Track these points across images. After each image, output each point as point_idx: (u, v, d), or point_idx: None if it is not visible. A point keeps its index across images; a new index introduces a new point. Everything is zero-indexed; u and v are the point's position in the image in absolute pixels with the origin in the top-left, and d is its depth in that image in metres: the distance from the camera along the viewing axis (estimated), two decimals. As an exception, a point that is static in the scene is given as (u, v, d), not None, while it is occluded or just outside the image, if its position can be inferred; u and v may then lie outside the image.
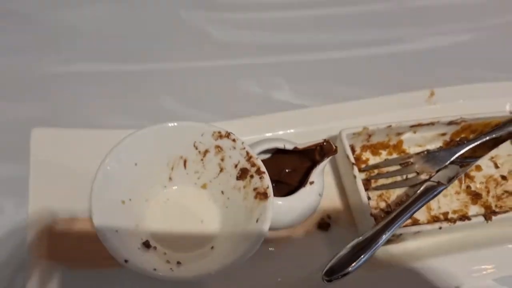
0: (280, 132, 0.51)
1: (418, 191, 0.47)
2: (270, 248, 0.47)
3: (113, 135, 0.42)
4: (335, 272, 0.40)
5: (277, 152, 0.49)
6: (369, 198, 0.49)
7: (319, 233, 0.48)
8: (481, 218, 0.46)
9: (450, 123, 0.52)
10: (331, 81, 0.57)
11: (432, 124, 0.51)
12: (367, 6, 0.64)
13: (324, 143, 0.46)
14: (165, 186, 0.45)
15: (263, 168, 0.43)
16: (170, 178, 0.45)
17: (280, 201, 0.44)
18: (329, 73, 0.58)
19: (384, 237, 0.43)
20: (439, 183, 0.48)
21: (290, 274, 0.45)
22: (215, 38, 0.59)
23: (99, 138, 0.46)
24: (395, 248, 0.47)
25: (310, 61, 0.59)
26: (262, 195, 0.42)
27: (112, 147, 0.41)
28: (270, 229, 0.44)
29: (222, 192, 0.45)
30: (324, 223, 0.48)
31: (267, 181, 0.42)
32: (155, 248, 0.42)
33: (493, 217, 0.46)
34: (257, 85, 0.57)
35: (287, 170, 0.48)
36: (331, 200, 0.50)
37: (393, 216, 0.44)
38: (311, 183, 0.45)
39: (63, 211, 0.44)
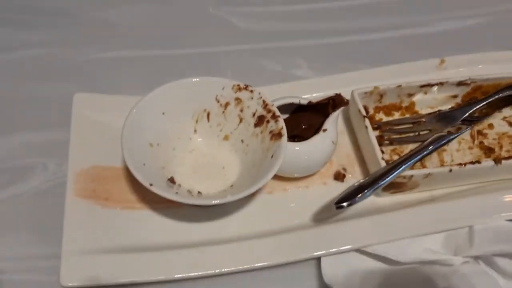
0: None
1: (428, 140, 0.50)
2: (288, 193, 0.49)
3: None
4: (343, 201, 0.43)
5: (295, 112, 0.53)
6: (382, 152, 0.51)
7: (335, 183, 0.51)
8: (491, 162, 0.48)
9: (460, 83, 0.54)
10: (346, 60, 0.61)
11: (441, 84, 0.54)
12: None
13: (335, 96, 0.50)
14: (191, 138, 0.50)
15: (277, 113, 0.47)
16: (195, 130, 0.50)
17: (297, 147, 0.47)
18: (344, 54, 0.63)
19: (392, 175, 0.45)
20: (449, 133, 0.50)
21: (306, 216, 0.48)
22: (238, 27, 0.65)
23: (132, 103, 0.51)
24: (409, 196, 0.49)
25: (327, 44, 0.64)
26: (277, 136, 0.45)
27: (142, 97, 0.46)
28: (288, 175, 0.48)
29: (242, 141, 0.49)
30: (340, 174, 0.51)
31: (281, 123, 0.46)
32: (179, 185, 0.46)
33: (503, 161, 0.48)
34: (278, 65, 0.62)
35: (303, 126, 0.51)
36: (347, 155, 0.53)
37: (402, 159, 0.47)
38: (324, 130, 0.48)
39: (100, 161, 0.49)
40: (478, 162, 0.48)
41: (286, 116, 0.53)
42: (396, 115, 0.55)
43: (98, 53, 0.61)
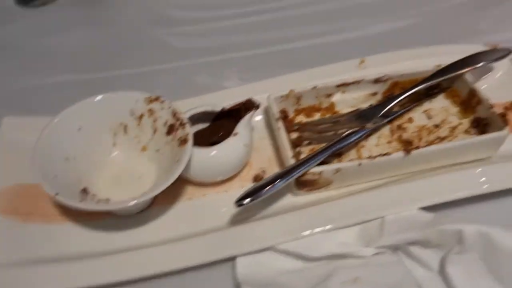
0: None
1: (342, 136, 0.51)
2: (207, 198, 0.51)
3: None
4: (245, 198, 0.44)
5: (214, 120, 0.54)
6: (300, 153, 0.53)
7: (254, 186, 0.52)
8: (401, 154, 0.48)
9: (376, 81, 0.55)
10: (276, 69, 0.62)
11: (357, 82, 0.55)
12: (304, 9, 0.73)
13: (246, 101, 0.51)
14: (110, 151, 0.52)
15: (185, 120, 0.49)
16: (114, 144, 0.52)
17: (208, 152, 0.49)
18: (272, 63, 0.65)
19: (299, 170, 0.46)
20: (363, 127, 0.51)
21: (225, 219, 0.49)
22: (172, 46, 0.68)
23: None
24: (327, 194, 0.50)
25: (255, 55, 0.66)
26: (183, 142, 0.47)
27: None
28: (204, 180, 0.50)
29: (157, 150, 0.51)
30: (259, 177, 0.52)
31: (187, 129, 0.48)
32: (94, 196, 0.48)
33: (413, 152, 0.48)
34: (209, 78, 0.64)
35: (221, 133, 0.53)
36: (268, 158, 0.54)
37: (309, 156, 0.48)
38: (235, 134, 0.50)
39: (26, 180, 0.51)
40: (388, 154, 0.48)
41: (206, 124, 0.54)
42: (317, 116, 0.56)
43: (35, 80, 0.64)
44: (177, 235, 0.48)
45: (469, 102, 0.55)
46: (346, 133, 0.51)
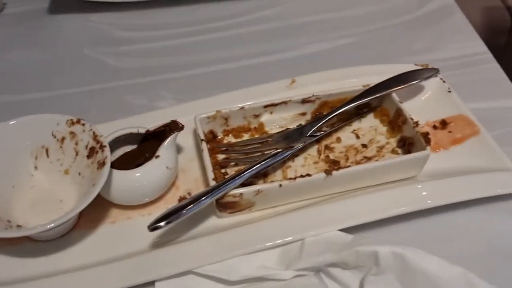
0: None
1: (266, 156, 0.51)
2: (132, 222, 0.50)
3: None
4: (159, 222, 0.44)
5: (141, 142, 0.54)
6: (226, 174, 0.52)
7: (179, 208, 0.51)
8: (323, 175, 0.48)
9: (304, 101, 0.56)
10: (210, 89, 0.62)
11: (285, 103, 0.55)
12: (248, 28, 0.73)
13: (171, 122, 0.51)
14: (32, 175, 0.51)
15: (105, 143, 0.48)
16: (35, 167, 0.51)
17: (128, 174, 0.49)
18: (207, 83, 0.65)
19: (218, 192, 0.46)
20: (287, 148, 0.51)
21: (148, 242, 0.48)
22: (109, 66, 0.68)
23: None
24: (252, 215, 0.50)
25: (190, 75, 0.66)
26: (101, 165, 0.47)
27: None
28: (126, 203, 0.49)
29: (79, 173, 0.50)
30: (184, 199, 0.52)
31: (106, 152, 0.47)
32: (8, 221, 0.47)
33: (334, 173, 0.48)
34: (144, 98, 0.63)
35: (147, 155, 0.52)
36: (195, 180, 0.54)
37: (231, 176, 0.48)
38: (157, 156, 0.50)
39: None
40: (309, 175, 0.48)
41: (134, 146, 0.54)
42: (246, 137, 0.56)
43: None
44: (98, 260, 0.47)
45: (396, 121, 0.55)
46: (272, 154, 0.51)
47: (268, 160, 0.50)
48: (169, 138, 0.50)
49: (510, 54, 1.50)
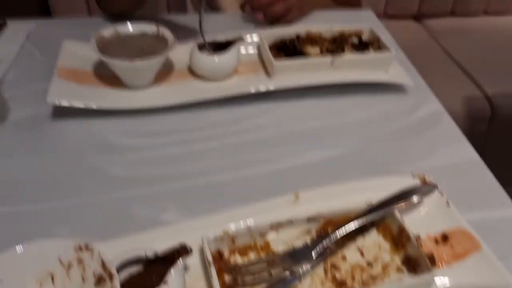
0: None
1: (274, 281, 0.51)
2: None
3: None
4: None
5: (148, 265, 0.53)
6: (234, 296, 0.52)
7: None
8: (332, 300, 0.48)
9: (309, 219, 0.57)
10: (215, 201, 0.63)
11: (291, 222, 0.56)
12: (245, 137, 0.76)
13: (179, 247, 0.51)
14: (35, 302, 0.50)
15: (113, 272, 0.48)
16: (40, 294, 0.50)
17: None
18: (211, 194, 0.66)
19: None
20: (292, 273, 0.52)
21: None
22: (112, 175, 0.68)
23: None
24: None
25: (194, 186, 0.67)
26: (112, 296, 0.46)
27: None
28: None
29: (86, 301, 0.49)
30: (192, 325, 0.51)
31: (115, 283, 0.47)
32: None
33: (343, 298, 0.49)
34: (147, 210, 0.63)
35: (155, 280, 0.52)
36: (202, 302, 0.53)
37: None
38: (165, 282, 0.49)
39: None
40: (319, 300, 0.48)
41: (139, 267, 0.53)
42: (252, 256, 0.56)
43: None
44: None
45: (399, 238, 0.56)
46: (278, 278, 0.51)
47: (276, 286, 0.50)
48: (178, 263, 0.50)
49: (491, 142, 1.56)
